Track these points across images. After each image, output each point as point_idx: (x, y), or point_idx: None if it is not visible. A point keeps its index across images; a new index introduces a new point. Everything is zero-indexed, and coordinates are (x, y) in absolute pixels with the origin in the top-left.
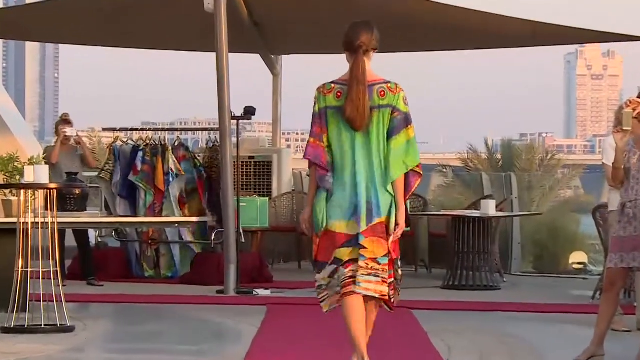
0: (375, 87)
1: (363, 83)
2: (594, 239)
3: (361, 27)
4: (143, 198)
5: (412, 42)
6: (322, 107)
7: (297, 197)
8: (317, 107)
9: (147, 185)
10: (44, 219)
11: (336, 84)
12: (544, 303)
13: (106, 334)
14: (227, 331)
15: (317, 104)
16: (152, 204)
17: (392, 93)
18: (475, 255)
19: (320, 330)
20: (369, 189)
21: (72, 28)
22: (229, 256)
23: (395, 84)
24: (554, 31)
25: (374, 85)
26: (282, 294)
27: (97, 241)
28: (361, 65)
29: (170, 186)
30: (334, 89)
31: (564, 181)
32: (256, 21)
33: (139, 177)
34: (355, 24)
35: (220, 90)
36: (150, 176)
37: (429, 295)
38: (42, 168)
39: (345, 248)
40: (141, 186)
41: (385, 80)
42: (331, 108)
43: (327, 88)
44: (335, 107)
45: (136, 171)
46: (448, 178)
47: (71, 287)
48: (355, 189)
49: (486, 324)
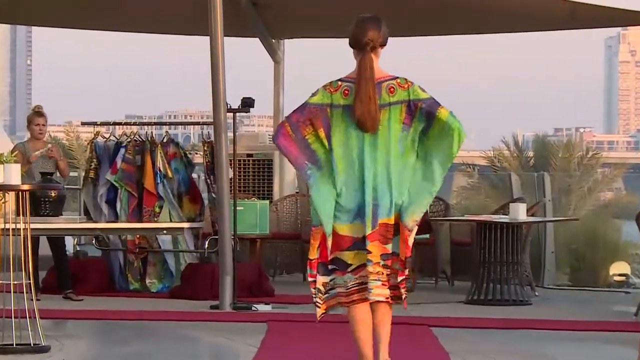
0: (383, 84)
1: (372, 82)
2: (638, 247)
3: (368, 22)
4: (121, 200)
5: (433, 25)
6: (324, 103)
7: (302, 200)
8: (314, 99)
9: (127, 186)
10: (15, 224)
11: (343, 82)
12: (580, 320)
13: (85, 354)
14: (223, 352)
15: (315, 97)
16: (134, 208)
17: (402, 89)
18: (503, 265)
19: (326, 350)
20: (376, 190)
21: (46, 8)
22: (225, 267)
23: (405, 79)
24: (595, 12)
25: (383, 82)
26: (285, 310)
27: (75, 250)
28: (369, 63)
29: (163, 188)
30: (341, 86)
31: (604, 182)
32: (255, 1)
33: (117, 177)
34: (361, 20)
35: (215, 79)
36: (132, 176)
37: (450, 311)
38: (12, 167)
39: (350, 251)
40: (119, 187)
41: (393, 76)
42: (338, 107)
43: (334, 86)
44: (343, 105)
45: (115, 169)
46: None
47: (46, 301)
48: (362, 190)
49: (515, 343)
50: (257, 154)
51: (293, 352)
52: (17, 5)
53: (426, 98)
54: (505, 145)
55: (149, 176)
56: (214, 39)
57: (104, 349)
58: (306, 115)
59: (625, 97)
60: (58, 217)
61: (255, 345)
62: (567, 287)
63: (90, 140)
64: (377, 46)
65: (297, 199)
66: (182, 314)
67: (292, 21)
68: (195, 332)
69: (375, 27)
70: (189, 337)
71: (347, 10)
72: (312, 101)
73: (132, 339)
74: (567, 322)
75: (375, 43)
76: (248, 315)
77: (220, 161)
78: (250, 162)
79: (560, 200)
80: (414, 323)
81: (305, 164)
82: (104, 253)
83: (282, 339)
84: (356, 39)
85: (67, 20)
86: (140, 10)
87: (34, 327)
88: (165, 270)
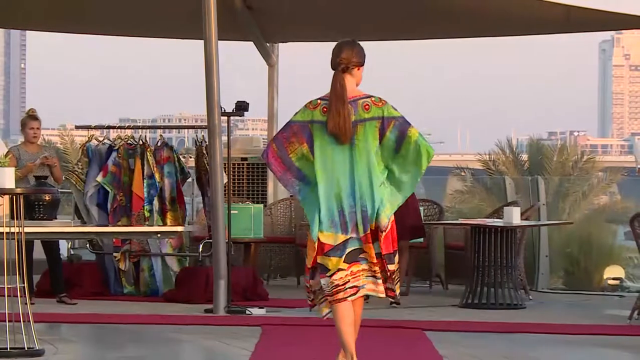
0: (359, 101)
1: (342, 99)
2: (632, 251)
3: (343, 44)
4: (110, 203)
5: (425, 29)
6: (305, 120)
7: (296, 204)
8: (296, 117)
9: (114, 188)
10: (9, 228)
11: (322, 100)
12: (574, 324)
13: (80, 358)
14: (217, 356)
15: (297, 115)
16: (116, 209)
17: (376, 106)
18: (497, 269)
19: (320, 354)
20: (361, 198)
21: (40, 12)
22: (219, 271)
23: (379, 98)
24: (589, 15)
25: (358, 100)
26: (279, 314)
27: (69, 254)
28: (339, 81)
29: (150, 193)
30: (320, 104)
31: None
32: (249, 4)
33: (106, 180)
34: (338, 43)
35: (209, 82)
36: (120, 179)
37: (445, 315)
38: (6, 171)
39: (332, 257)
40: (109, 190)
41: (368, 95)
42: (317, 122)
43: (314, 104)
44: (321, 121)
45: (105, 172)
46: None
47: (40, 305)
48: (341, 200)
49: (509, 347)
50: (251, 157)
51: (287, 356)
52: (11, 9)
53: (399, 116)
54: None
55: (138, 180)
56: (208, 43)
57: (98, 352)
58: (289, 133)
59: (619, 101)
60: (52, 220)
61: (249, 349)
62: (561, 291)
63: (83, 144)
64: (350, 66)
65: (292, 202)
66: (177, 318)
67: (286, 25)
68: (189, 336)
69: (349, 48)
70: (183, 340)
71: (341, 15)
72: (295, 119)
73: (126, 342)
74: (561, 325)
75: (349, 63)
76: (242, 319)
77: (215, 165)
78: (245, 166)
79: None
80: (408, 327)
81: (293, 181)
82: (98, 257)
83: (276, 343)
84: (331, 60)
85: (62, 24)
86: (135, 14)
87: (28, 331)
88: (153, 276)
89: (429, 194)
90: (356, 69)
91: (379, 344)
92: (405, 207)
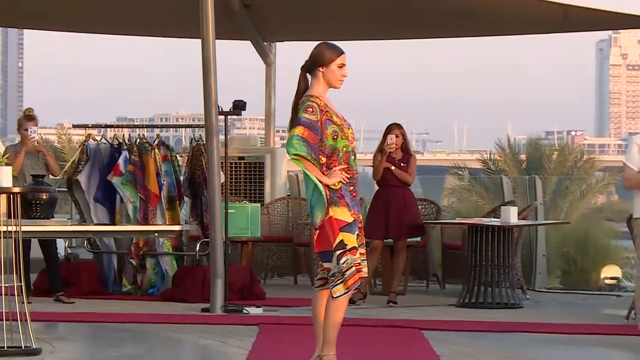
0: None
1: (296, 96)
2: (629, 251)
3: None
4: (133, 202)
5: (424, 28)
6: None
7: (293, 203)
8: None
9: (134, 189)
10: (7, 227)
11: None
12: (571, 323)
13: (76, 357)
14: (214, 355)
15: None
16: (143, 210)
17: (302, 103)
18: (495, 269)
19: None
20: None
21: (37, 10)
22: (216, 270)
23: (308, 96)
24: (586, 15)
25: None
26: (276, 313)
27: (66, 253)
28: (298, 80)
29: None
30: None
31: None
32: (247, 3)
33: (123, 179)
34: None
35: (206, 81)
36: (139, 179)
37: (442, 314)
38: (3, 170)
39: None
40: (125, 189)
41: (307, 94)
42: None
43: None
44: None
45: (118, 172)
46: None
47: (37, 304)
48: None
49: (506, 346)
50: (248, 156)
51: (284, 355)
52: (9, 8)
53: (300, 116)
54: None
55: (153, 177)
56: (205, 42)
57: (95, 351)
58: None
59: (617, 100)
60: (49, 219)
61: (246, 348)
62: (558, 290)
63: (81, 143)
64: (306, 67)
65: (289, 201)
66: (174, 317)
67: (283, 24)
68: (186, 334)
69: (312, 51)
70: (180, 339)
71: (338, 14)
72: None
73: (123, 341)
74: (558, 325)
75: (306, 64)
76: (239, 318)
77: (212, 164)
78: (242, 165)
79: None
80: (405, 326)
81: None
82: (96, 255)
83: (273, 342)
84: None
85: (59, 23)
86: (133, 13)
87: (25, 329)
88: (157, 275)
89: (426, 194)
90: (318, 69)
91: (376, 344)
92: (403, 206)
